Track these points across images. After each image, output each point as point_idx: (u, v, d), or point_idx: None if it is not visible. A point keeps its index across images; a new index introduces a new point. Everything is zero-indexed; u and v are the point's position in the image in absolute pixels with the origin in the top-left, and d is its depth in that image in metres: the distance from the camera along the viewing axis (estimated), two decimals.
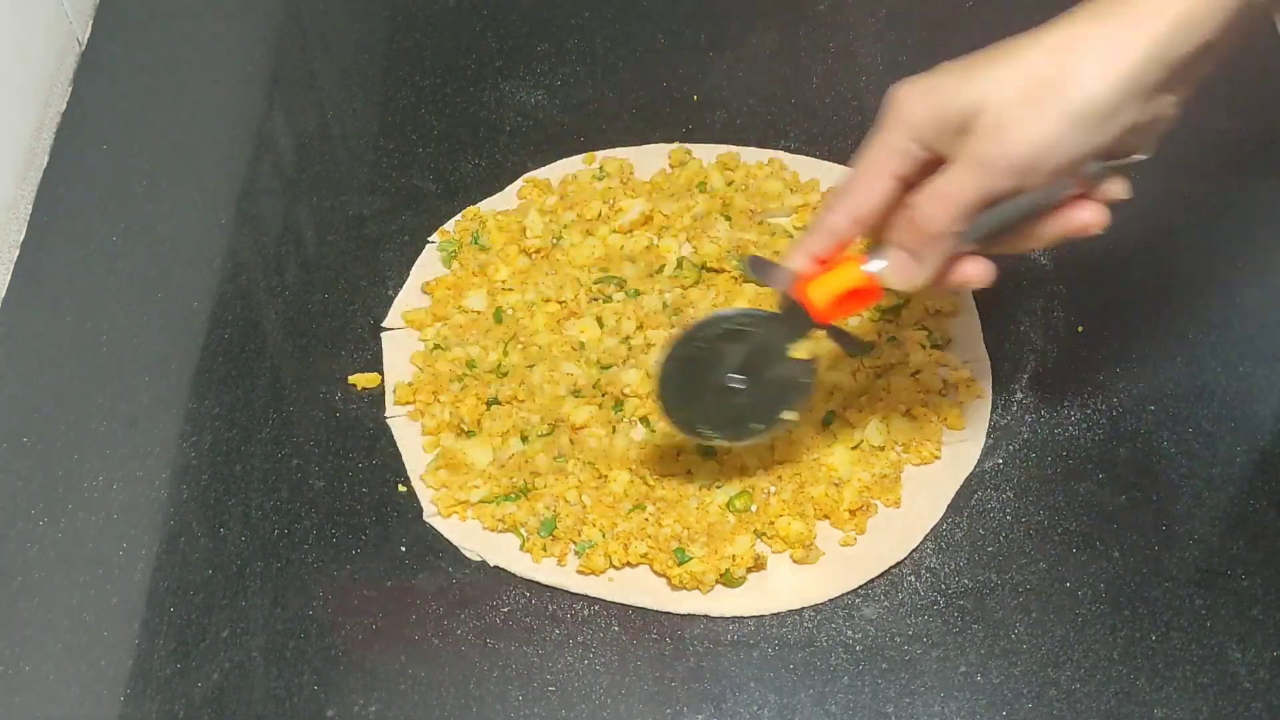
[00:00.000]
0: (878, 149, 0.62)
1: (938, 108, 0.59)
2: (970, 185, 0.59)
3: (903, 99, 0.61)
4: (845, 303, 0.65)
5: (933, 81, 0.60)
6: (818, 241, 0.64)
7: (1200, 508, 0.73)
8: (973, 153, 0.58)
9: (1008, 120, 0.57)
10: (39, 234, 0.89)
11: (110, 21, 1.02)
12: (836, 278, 0.64)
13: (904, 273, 0.62)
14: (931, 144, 0.60)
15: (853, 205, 0.63)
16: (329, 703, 0.68)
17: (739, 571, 0.71)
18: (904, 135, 0.61)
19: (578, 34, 1.00)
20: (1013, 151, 0.58)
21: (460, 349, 0.81)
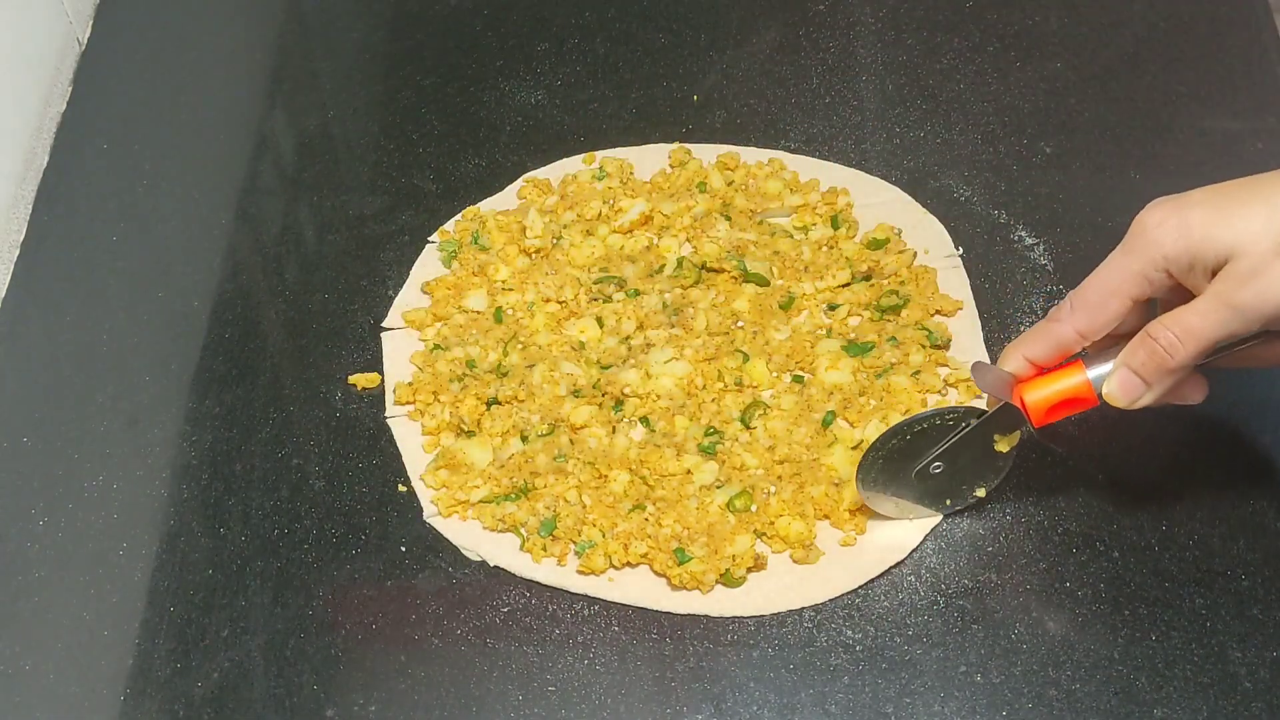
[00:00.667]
0: (1121, 271, 0.62)
1: (1190, 243, 0.59)
2: (1218, 326, 0.60)
3: (1154, 227, 0.61)
4: (1060, 409, 0.66)
5: (1186, 214, 0.60)
6: (1041, 350, 0.65)
7: (1200, 508, 0.73)
8: (1225, 296, 0.59)
9: (1264, 269, 0.58)
10: (39, 234, 0.89)
11: (110, 21, 1.02)
12: (1057, 385, 0.65)
13: (1130, 394, 0.64)
14: (1179, 275, 0.61)
15: (1086, 322, 0.64)
16: (329, 703, 0.68)
17: (739, 572, 0.71)
18: (1152, 263, 0.61)
19: (578, 34, 1.00)
20: (1267, 301, 0.58)
21: (460, 349, 0.81)
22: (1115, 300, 0.63)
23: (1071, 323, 0.64)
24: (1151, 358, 0.62)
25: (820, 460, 0.75)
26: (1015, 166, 0.89)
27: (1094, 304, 0.63)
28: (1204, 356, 0.62)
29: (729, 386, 0.78)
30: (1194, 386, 0.65)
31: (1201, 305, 0.60)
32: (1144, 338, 0.62)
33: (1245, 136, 0.91)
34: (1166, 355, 0.61)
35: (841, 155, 0.91)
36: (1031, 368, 0.66)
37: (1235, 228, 0.58)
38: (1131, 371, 0.63)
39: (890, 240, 0.84)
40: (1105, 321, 0.63)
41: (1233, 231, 0.58)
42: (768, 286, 0.83)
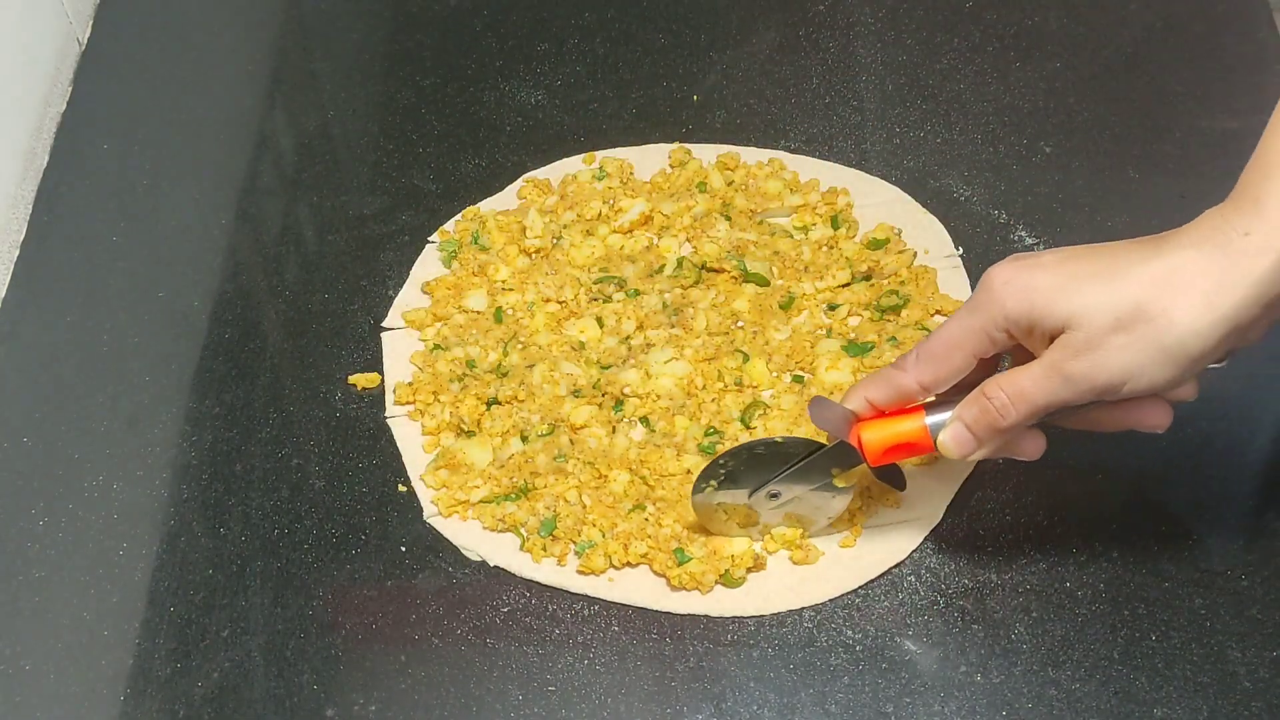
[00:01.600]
0: (965, 327, 0.62)
1: (1032, 308, 0.60)
2: (1049, 393, 0.60)
3: (1000, 286, 0.61)
4: (897, 450, 0.66)
5: (1032, 277, 0.60)
6: (883, 395, 0.65)
7: (1200, 508, 0.73)
8: (1059, 365, 0.59)
9: (1099, 344, 0.58)
10: (39, 234, 0.89)
11: (110, 21, 1.02)
12: (894, 428, 0.66)
13: (962, 448, 0.64)
14: (1020, 337, 0.61)
15: (928, 374, 0.64)
16: (329, 703, 0.68)
17: (739, 572, 0.71)
18: (994, 322, 0.61)
19: (578, 34, 1.00)
20: (1098, 375, 0.59)
21: (460, 349, 0.81)
22: (958, 355, 0.63)
23: (915, 373, 0.64)
24: (984, 416, 0.62)
25: None
26: (1015, 166, 0.90)
27: (938, 357, 0.63)
28: (1034, 420, 0.62)
29: (729, 386, 0.78)
30: (1031, 443, 0.65)
31: (1036, 371, 0.60)
32: (979, 395, 0.63)
33: (1244, 136, 0.90)
34: (998, 416, 0.62)
35: (841, 155, 0.91)
36: (873, 409, 0.66)
37: (1076, 298, 0.58)
38: (964, 426, 0.63)
39: (890, 240, 0.84)
40: (947, 375, 0.64)
41: (1074, 302, 0.58)
42: (768, 286, 0.83)
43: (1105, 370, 0.58)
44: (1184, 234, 0.59)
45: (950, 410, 0.65)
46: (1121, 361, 0.58)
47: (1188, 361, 0.58)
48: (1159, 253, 0.58)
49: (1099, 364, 0.58)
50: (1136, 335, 0.58)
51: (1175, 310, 0.57)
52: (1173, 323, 0.57)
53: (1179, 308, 0.57)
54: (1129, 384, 0.59)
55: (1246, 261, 0.57)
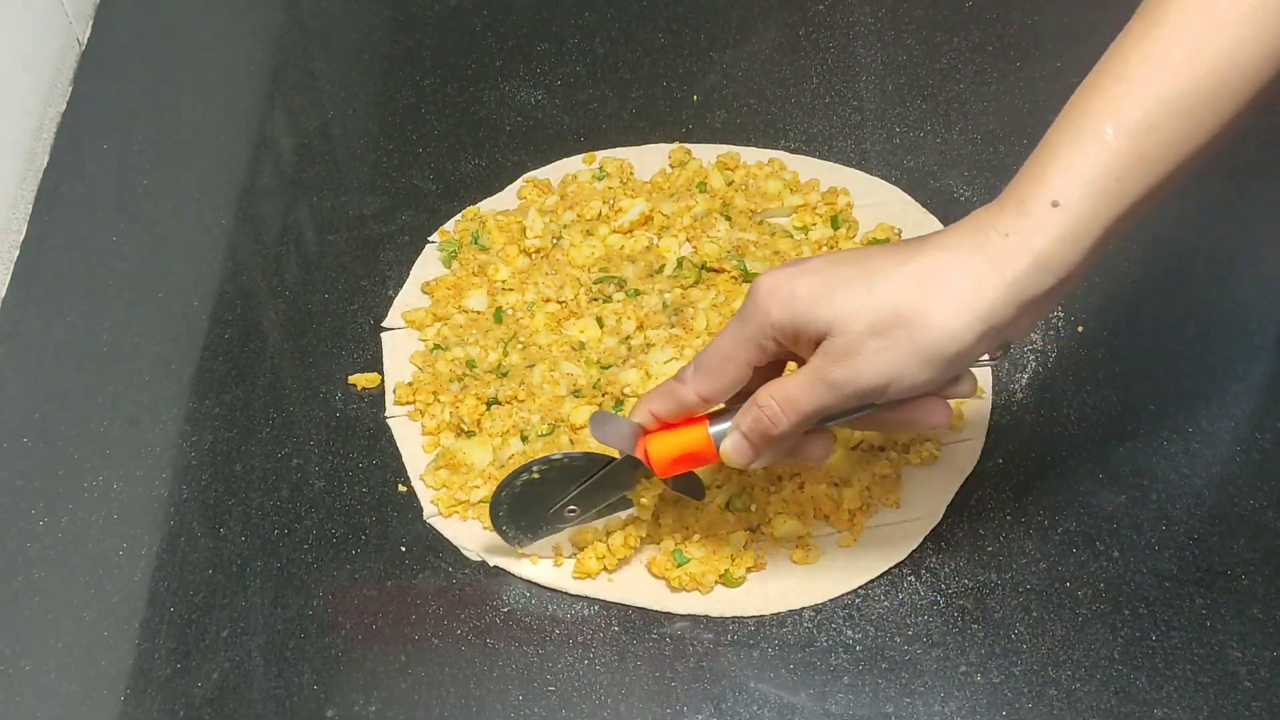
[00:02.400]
0: (736, 337, 0.62)
1: (794, 315, 0.60)
2: (815, 400, 0.60)
3: (764, 295, 0.60)
4: (683, 461, 0.66)
5: (794, 284, 0.60)
6: (664, 408, 0.65)
7: (1200, 508, 0.73)
8: (821, 371, 0.59)
9: (858, 349, 0.58)
10: (39, 234, 0.89)
11: (110, 21, 1.02)
12: (679, 439, 0.66)
13: (743, 456, 0.64)
14: (788, 345, 0.61)
15: (706, 386, 0.64)
16: (329, 703, 0.68)
17: (738, 572, 0.71)
18: (761, 331, 0.61)
19: (578, 34, 1.00)
20: (860, 380, 0.59)
21: (460, 349, 0.81)
22: (732, 366, 0.63)
23: (694, 385, 0.64)
24: (757, 425, 0.62)
25: None
26: (1015, 166, 0.88)
27: (713, 369, 0.63)
28: (807, 425, 0.62)
29: None
30: (816, 446, 0.65)
31: (801, 378, 0.60)
32: (751, 404, 0.62)
33: (1244, 136, 0.91)
34: (770, 424, 0.62)
35: (841, 155, 0.91)
36: (657, 422, 0.66)
37: (835, 304, 0.58)
38: (742, 435, 0.63)
39: (890, 240, 0.84)
40: (725, 386, 0.63)
41: (833, 308, 0.58)
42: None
43: (865, 375, 0.58)
44: (946, 235, 0.59)
45: (730, 420, 0.64)
46: (880, 365, 0.58)
47: (945, 363, 0.58)
48: (917, 255, 0.58)
49: (859, 369, 0.58)
50: (893, 339, 0.57)
51: (930, 313, 0.57)
52: (928, 325, 0.57)
53: (934, 310, 0.57)
54: (891, 387, 0.59)
55: (1003, 263, 0.57)
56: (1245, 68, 0.56)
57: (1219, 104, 0.56)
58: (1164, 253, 0.85)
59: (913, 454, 0.75)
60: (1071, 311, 0.82)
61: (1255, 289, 0.84)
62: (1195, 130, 0.56)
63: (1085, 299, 0.82)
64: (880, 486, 0.74)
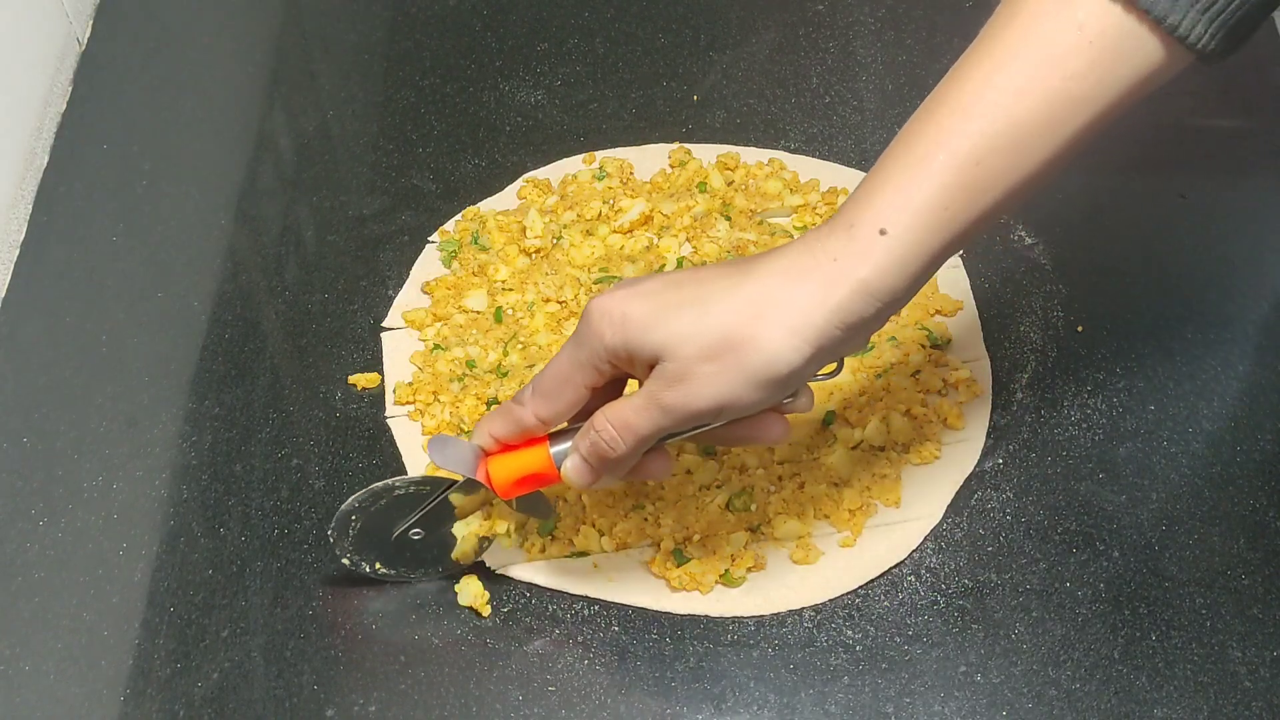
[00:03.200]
0: (572, 360, 0.62)
1: (627, 339, 0.60)
2: (650, 422, 0.60)
3: (598, 319, 0.60)
4: (526, 482, 0.66)
5: (627, 307, 0.60)
6: (503, 430, 0.65)
7: (1200, 508, 0.73)
8: (655, 395, 0.59)
9: (690, 373, 0.58)
10: (39, 234, 0.89)
11: (110, 21, 1.02)
12: (519, 461, 0.66)
13: (581, 478, 0.64)
14: (624, 368, 0.61)
15: (544, 408, 0.64)
16: (329, 703, 0.68)
17: (739, 572, 0.71)
18: (596, 354, 0.61)
19: (578, 34, 1.00)
20: (693, 403, 0.59)
21: (460, 349, 0.81)
22: (568, 389, 0.63)
23: (532, 407, 0.64)
24: (595, 449, 0.62)
25: (820, 460, 0.75)
26: None
27: (550, 391, 0.63)
28: (645, 447, 0.62)
29: None
30: (656, 464, 0.65)
31: (637, 401, 0.60)
32: (589, 428, 0.62)
33: (1245, 136, 0.91)
34: (608, 448, 0.62)
35: (841, 155, 0.91)
36: (497, 444, 0.66)
37: (667, 328, 0.58)
38: (581, 458, 0.63)
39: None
40: (563, 409, 0.63)
41: (664, 332, 0.58)
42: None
43: (699, 399, 0.58)
44: (777, 256, 0.59)
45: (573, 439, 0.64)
46: (713, 389, 0.58)
47: (776, 385, 0.58)
48: (748, 279, 0.58)
49: (692, 393, 0.58)
50: (724, 364, 0.58)
51: (760, 338, 0.57)
52: (758, 350, 0.57)
53: (763, 335, 0.57)
54: (725, 409, 0.59)
55: (830, 287, 0.57)
56: (1077, 101, 0.55)
57: (1049, 136, 0.56)
58: (1164, 253, 0.85)
59: (913, 454, 0.75)
60: (1071, 311, 0.82)
61: (1255, 289, 0.84)
62: (1024, 162, 0.56)
63: (1085, 299, 0.82)
64: (880, 486, 0.74)
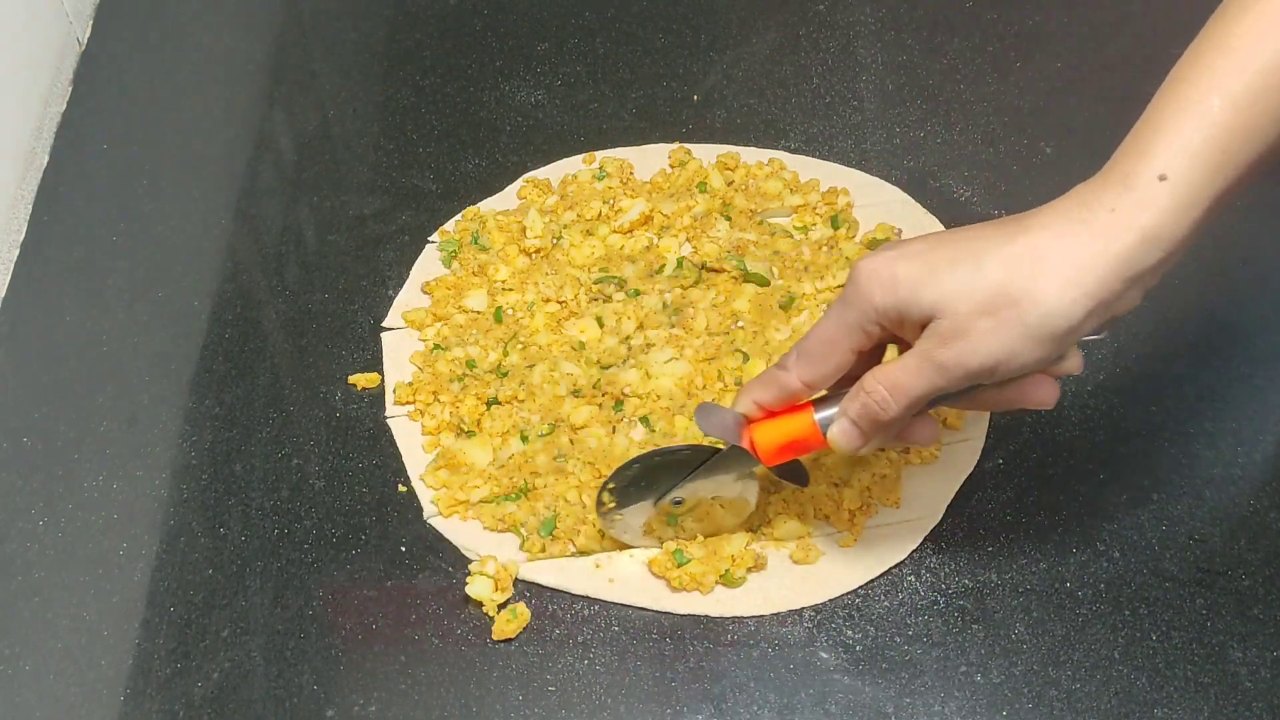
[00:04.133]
0: (839, 323, 0.62)
1: (898, 300, 0.59)
2: (924, 383, 0.60)
3: (866, 280, 0.60)
4: (790, 448, 0.66)
5: (896, 268, 0.60)
6: (769, 396, 0.65)
7: (1200, 508, 0.73)
8: (929, 354, 0.59)
9: (966, 329, 0.58)
10: (39, 234, 0.89)
11: (110, 21, 1.02)
12: (785, 427, 0.66)
13: (850, 443, 0.64)
14: (892, 329, 0.61)
15: (810, 373, 0.64)
16: (329, 703, 0.68)
17: (739, 572, 0.71)
18: (865, 316, 0.61)
19: (578, 34, 1.00)
20: (970, 361, 0.59)
21: (460, 349, 0.81)
22: (836, 352, 0.63)
23: (797, 373, 0.64)
24: (865, 411, 0.62)
25: (820, 460, 0.75)
26: (1015, 166, 0.90)
27: (816, 356, 0.63)
28: (916, 409, 0.62)
29: (729, 386, 0.78)
30: (923, 430, 0.65)
31: (909, 362, 0.60)
32: (859, 390, 0.62)
33: None
34: (879, 410, 0.62)
35: (841, 155, 0.91)
36: (761, 410, 0.66)
37: (941, 286, 0.58)
38: (850, 422, 0.63)
39: (890, 239, 0.84)
40: (828, 372, 0.63)
41: (938, 290, 0.58)
42: (768, 286, 0.83)
43: (975, 355, 0.58)
44: (1048, 211, 0.58)
45: (838, 404, 0.64)
46: (990, 346, 0.58)
47: (1054, 341, 0.58)
48: (1021, 233, 0.58)
49: (969, 350, 0.58)
50: (1002, 319, 0.57)
51: (1038, 291, 0.57)
52: (1036, 303, 0.57)
53: (1041, 288, 0.57)
54: (1001, 366, 0.59)
55: (1110, 238, 0.56)
56: None
57: None
58: None
59: (913, 454, 0.75)
60: None
61: (1255, 289, 0.84)
62: None
63: None
64: (880, 486, 0.74)
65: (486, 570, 0.71)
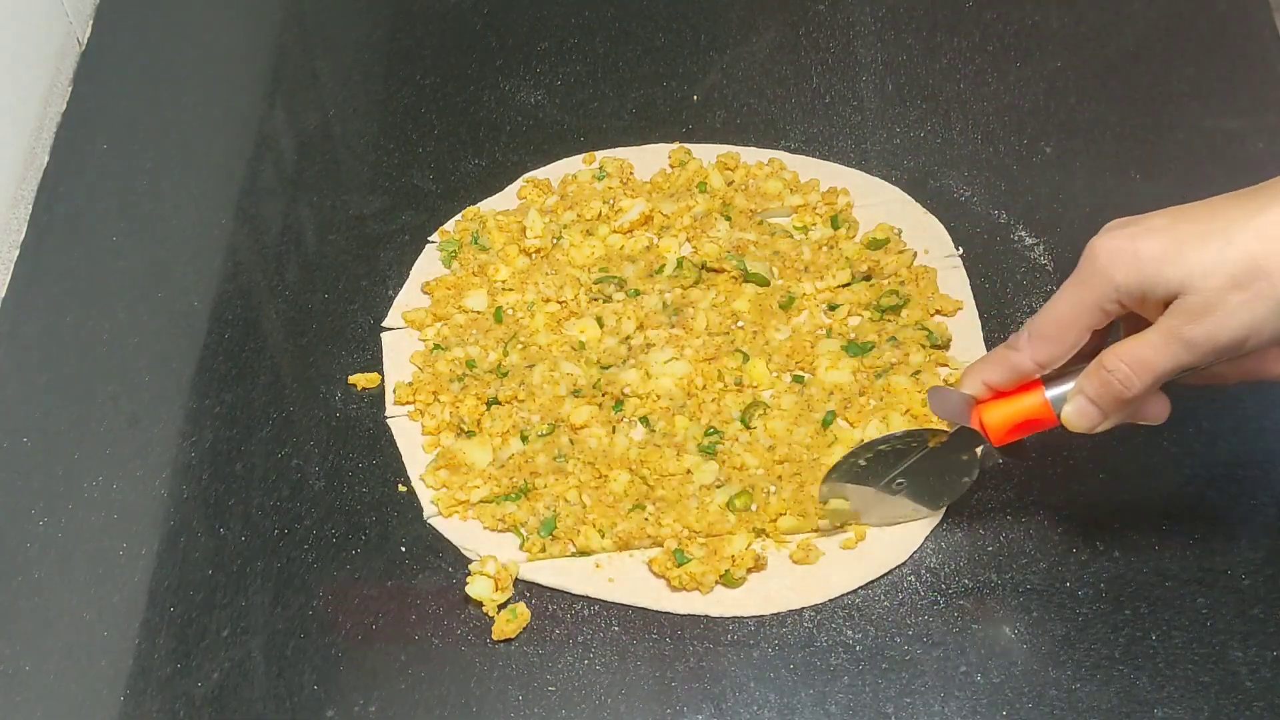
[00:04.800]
0: (1076, 303, 0.62)
1: (1143, 277, 0.59)
2: (1170, 360, 0.60)
3: (1106, 259, 0.60)
4: (1021, 429, 0.66)
5: (1138, 245, 0.59)
6: (999, 377, 0.65)
7: (1201, 508, 0.73)
8: (1177, 330, 0.59)
9: (1217, 305, 0.58)
10: (39, 234, 0.89)
11: (110, 21, 1.02)
12: (1015, 407, 0.65)
13: (1088, 422, 0.64)
14: (1132, 306, 0.61)
15: (1043, 353, 0.63)
16: (329, 703, 0.68)
17: (739, 572, 0.71)
18: (1104, 295, 0.61)
19: (578, 34, 1.00)
20: (1220, 336, 0.58)
21: (460, 349, 0.81)
22: (1072, 332, 0.63)
23: (1029, 353, 0.64)
24: (1106, 389, 0.62)
25: (820, 460, 0.75)
26: (1015, 166, 0.89)
27: (1051, 336, 0.63)
28: (1158, 386, 0.62)
29: (729, 386, 0.78)
30: (1156, 407, 0.65)
31: (1154, 338, 0.60)
32: (1098, 368, 0.62)
33: (1246, 135, 0.91)
34: (1122, 388, 0.61)
35: (841, 155, 0.91)
36: (990, 391, 0.66)
37: (1188, 261, 0.58)
38: (1088, 400, 0.63)
39: (890, 240, 0.84)
40: (1062, 352, 0.63)
41: (1185, 266, 0.58)
42: (768, 286, 0.83)
43: (1226, 330, 0.58)
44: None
45: (1068, 381, 0.64)
46: (1241, 320, 0.58)
47: None
48: (1270, 204, 0.58)
49: (1219, 325, 0.58)
50: (1254, 292, 0.57)
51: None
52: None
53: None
54: (1250, 340, 0.58)
55: None
56: None
57: None
58: None
59: None
60: None
61: None
62: None
63: None
64: None
65: (486, 570, 0.71)
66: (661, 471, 0.74)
